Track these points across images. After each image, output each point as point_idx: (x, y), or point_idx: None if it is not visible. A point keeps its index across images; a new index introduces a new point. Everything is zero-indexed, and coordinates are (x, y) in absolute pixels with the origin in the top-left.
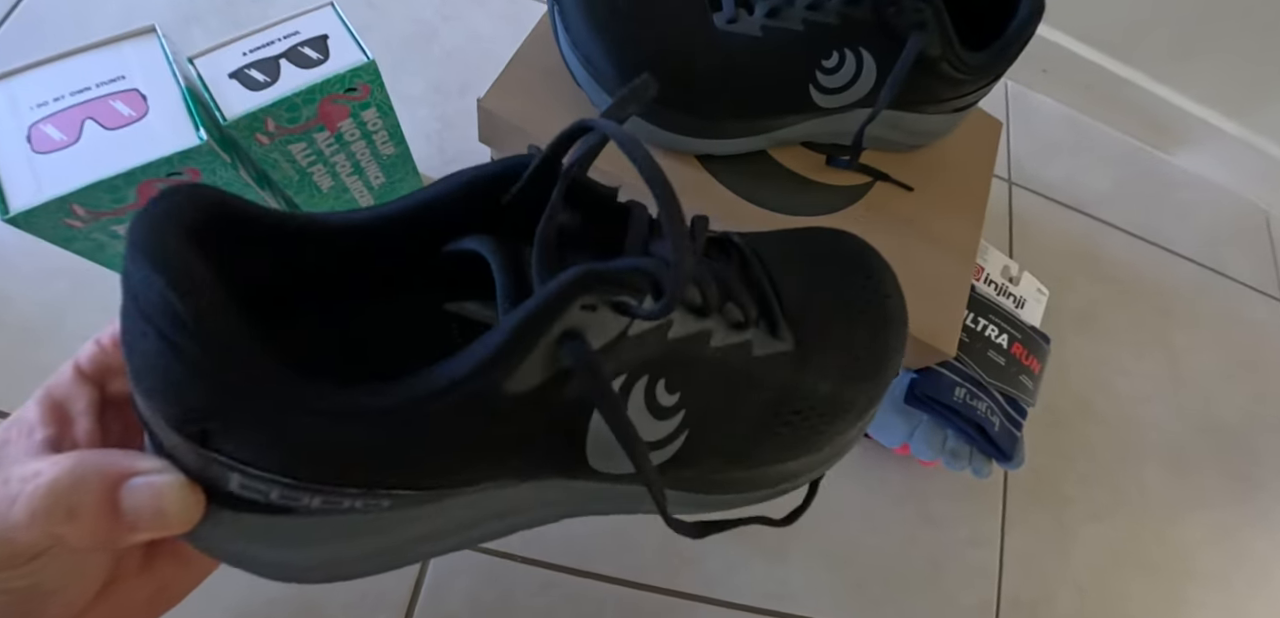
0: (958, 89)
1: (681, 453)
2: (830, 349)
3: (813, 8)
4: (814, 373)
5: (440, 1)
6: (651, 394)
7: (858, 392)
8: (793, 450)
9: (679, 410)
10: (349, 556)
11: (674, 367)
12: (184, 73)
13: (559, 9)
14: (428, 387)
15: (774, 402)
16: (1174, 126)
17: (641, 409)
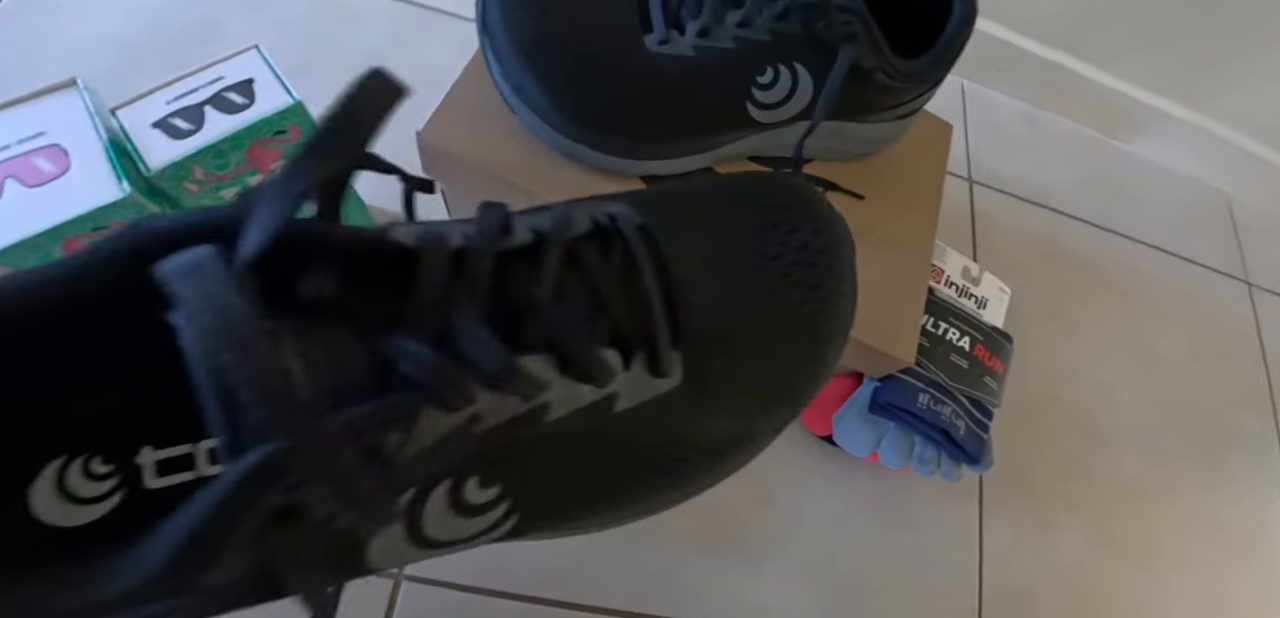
0: (897, 97)
1: (515, 529)
2: (737, 375)
3: (743, 25)
4: (708, 411)
5: (390, 31)
6: (458, 495)
7: (767, 422)
8: (670, 497)
9: (500, 502)
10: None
11: (488, 462)
12: (107, 125)
13: (489, 39)
14: None
15: (650, 454)
16: (1129, 116)
17: (444, 513)
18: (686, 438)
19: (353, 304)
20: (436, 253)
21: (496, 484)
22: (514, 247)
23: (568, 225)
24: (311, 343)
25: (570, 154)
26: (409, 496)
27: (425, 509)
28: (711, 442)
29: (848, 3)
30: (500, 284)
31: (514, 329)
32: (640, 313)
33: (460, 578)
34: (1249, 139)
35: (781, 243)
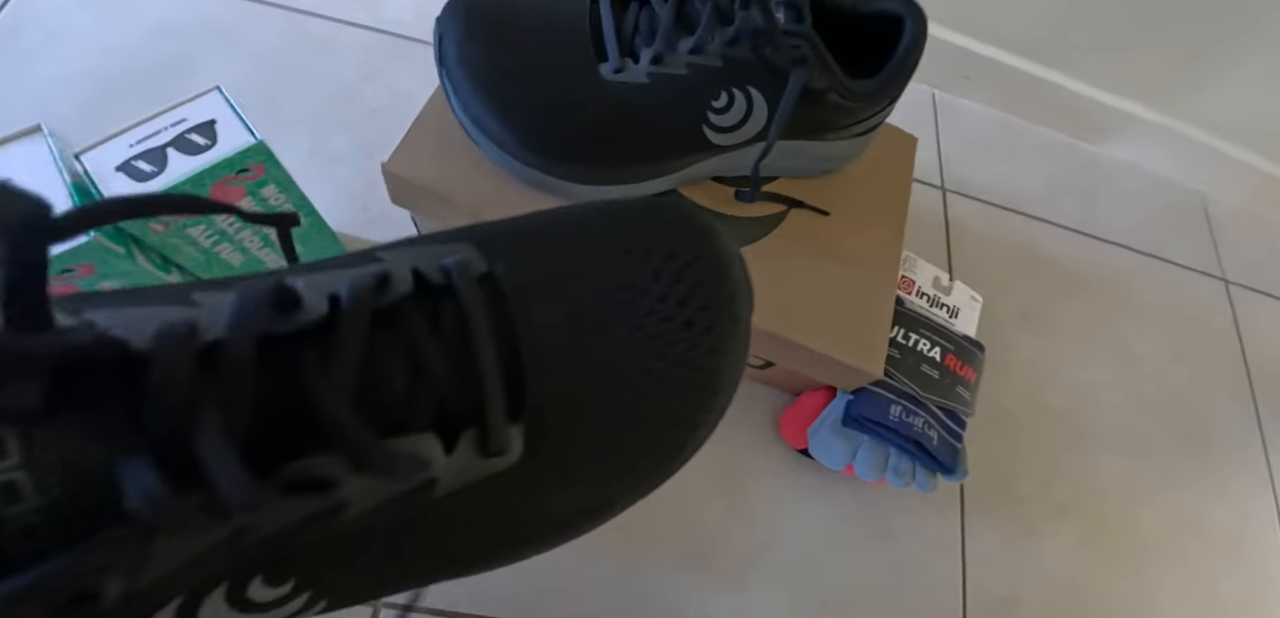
0: (853, 116)
1: (326, 608)
2: (587, 445)
3: (695, 52)
4: (556, 487)
5: (362, 61)
6: (240, 595)
7: (626, 490)
8: (512, 561)
9: (297, 594)
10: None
11: (273, 562)
12: (71, 169)
13: (446, 72)
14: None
15: (485, 533)
16: (1100, 120)
17: (226, 613)
18: (530, 515)
19: (88, 412)
20: (175, 354)
21: (288, 580)
22: (293, 329)
23: (380, 290)
24: (36, 460)
25: (533, 183)
26: (173, 607)
27: (200, 613)
28: (559, 517)
29: (796, 28)
30: (275, 374)
31: (295, 427)
32: (471, 387)
33: (440, 604)
34: (1221, 140)
35: (660, 293)
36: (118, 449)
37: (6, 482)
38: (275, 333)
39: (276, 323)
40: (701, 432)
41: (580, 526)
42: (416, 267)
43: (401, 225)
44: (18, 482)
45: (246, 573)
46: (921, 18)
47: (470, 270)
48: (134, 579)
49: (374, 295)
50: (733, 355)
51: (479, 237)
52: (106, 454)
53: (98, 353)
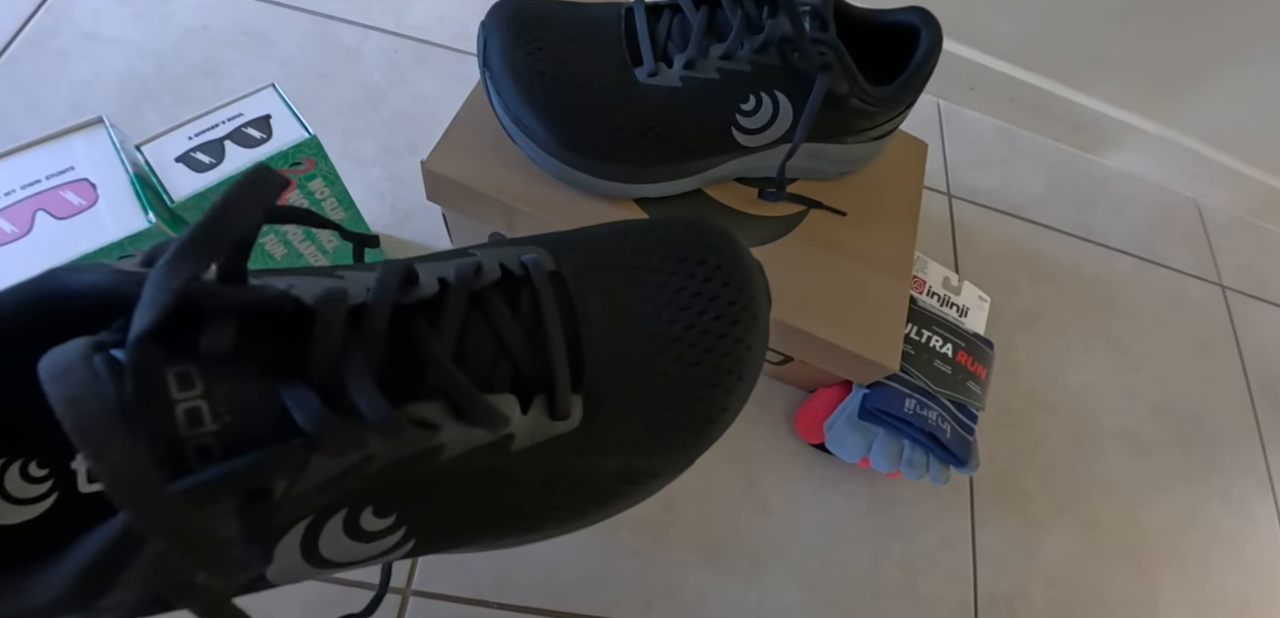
0: (872, 120)
1: (413, 551)
2: (632, 416)
3: (726, 57)
4: (606, 452)
5: (387, 66)
6: (354, 523)
7: (664, 463)
8: (566, 526)
9: (395, 529)
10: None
11: (383, 494)
12: (132, 159)
13: (490, 75)
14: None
15: (546, 489)
16: (1097, 129)
17: (339, 538)
18: (583, 475)
19: (257, 356)
20: (333, 310)
21: (391, 514)
22: (414, 301)
23: (476, 275)
24: (214, 392)
25: (567, 180)
26: (303, 526)
27: (321, 535)
28: (607, 480)
29: (822, 35)
30: (399, 336)
31: (411, 378)
32: (543, 359)
33: (467, 593)
34: (1214, 149)
35: (694, 291)
36: (281, 383)
37: (192, 409)
38: (402, 303)
39: (403, 295)
40: (727, 414)
41: (622, 495)
42: (502, 261)
43: (429, 224)
44: (201, 410)
45: (362, 503)
46: (937, 28)
47: (543, 266)
48: (295, 482)
49: (471, 280)
50: (754, 347)
51: (549, 242)
52: (270, 390)
53: (280, 305)
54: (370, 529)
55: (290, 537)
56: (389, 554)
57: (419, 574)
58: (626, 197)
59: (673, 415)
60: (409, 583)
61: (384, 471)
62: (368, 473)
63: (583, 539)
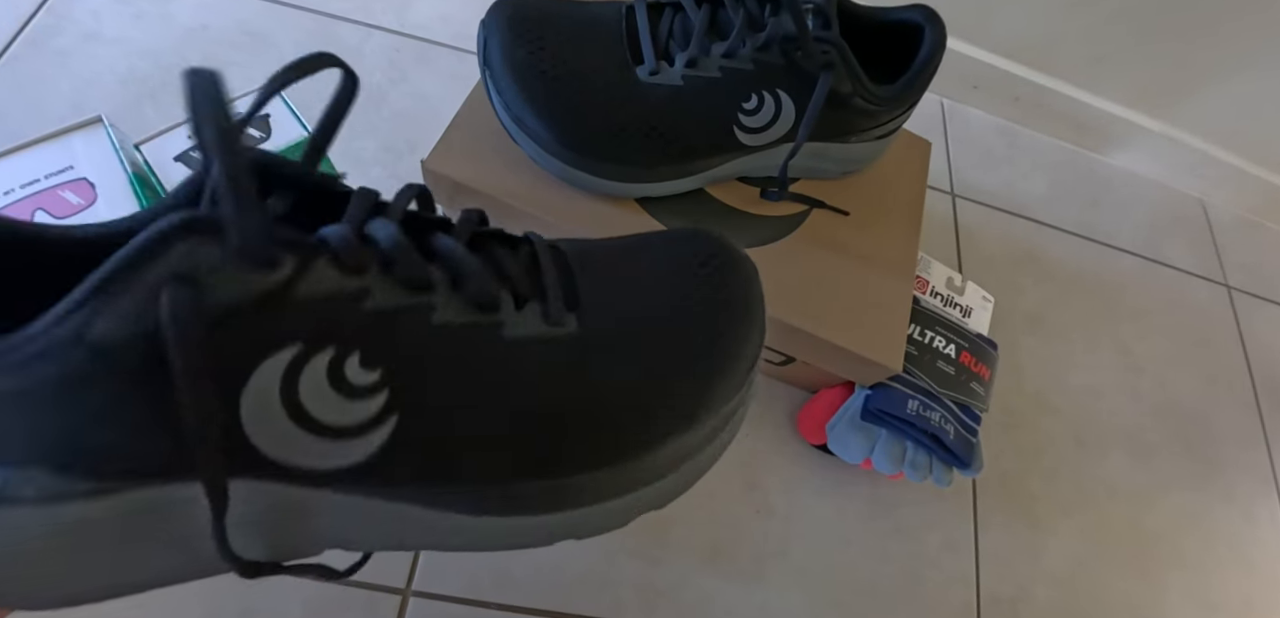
0: (874, 119)
1: (391, 446)
2: (629, 338)
3: (728, 56)
4: (601, 359)
5: (388, 65)
6: (338, 370)
7: (656, 382)
8: (573, 462)
9: (380, 390)
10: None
11: (373, 339)
12: (130, 159)
13: (490, 74)
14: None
15: (544, 396)
16: (1100, 128)
17: (321, 387)
18: (584, 387)
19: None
20: (365, 194)
21: (377, 368)
22: (427, 216)
23: (483, 221)
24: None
25: (568, 179)
26: (293, 352)
27: (303, 374)
28: (611, 396)
29: (825, 34)
30: (413, 224)
31: (420, 240)
32: (538, 285)
33: (467, 593)
34: (1221, 149)
35: (683, 265)
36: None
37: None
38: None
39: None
40: (721, 343)
41: (627, 417)
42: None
43: None
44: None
45: (349, 350)
46: (941, 26)
47: (542, 238)
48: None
49: (475, 222)
50: (748, 285)
51: (551, 240)
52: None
53: (329, 186)
54: (354, 382)
55: (272, 363)
56: (367, 432)
57: (419, 575)
58: (627, 196)
59: (667, 339)
60: (409, 584)
61: (371, 318)
62: (360, 311)
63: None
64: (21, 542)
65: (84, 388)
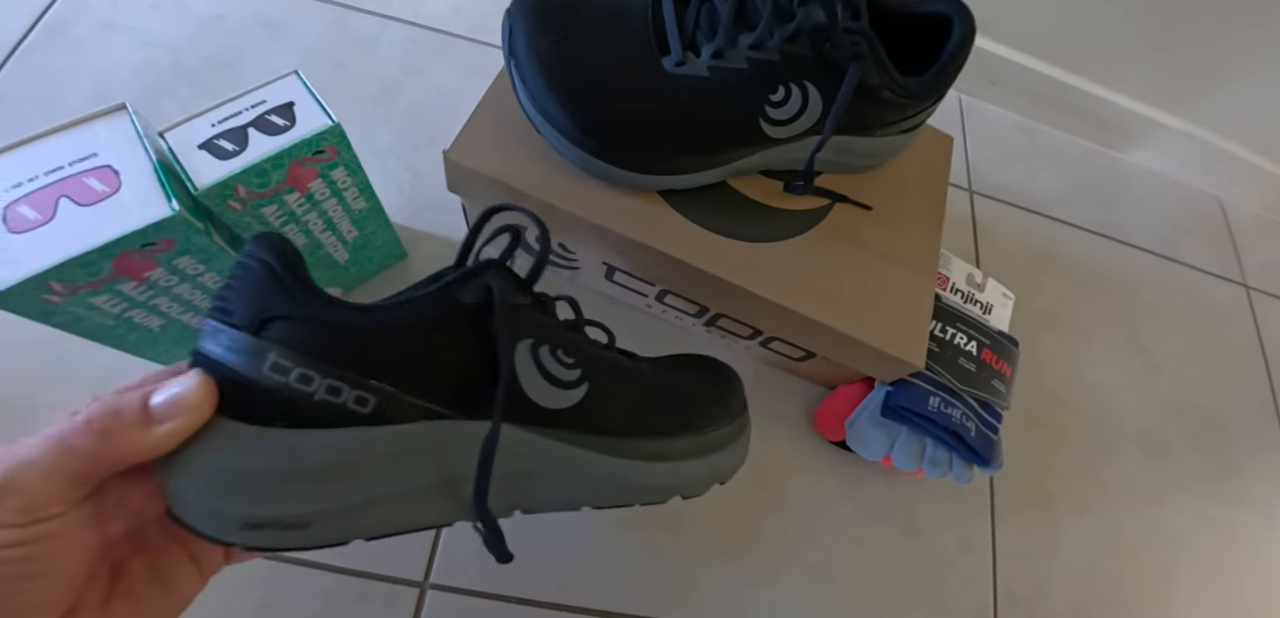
0: (901, 112)
1: (586, 399)
2: (677, 374)
3: (755, 47)
4: (668, 379)
5: (403, 58)
6: (556, 355)
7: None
8: (664, 426)
9: (576, 368)
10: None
11: (567, 345)
12: (155, 146)
13: (515, 64)
14: (409, 297)
15: (642, 386)
16: (1122, 126)
17: (551, 359)
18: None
19: None
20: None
21: (572, 358)
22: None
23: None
24: None
25: (591, 171)
26: (530, 342)
27: (541, 351)
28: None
29: (854, 25)
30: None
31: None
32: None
33: (484, 587)
34: (1240, 146)
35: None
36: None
37: None
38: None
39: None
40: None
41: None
42: None
43: (446, 214)
44: None
45: (557, 345)
46: (969, 18)
47: None
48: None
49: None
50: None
51: None
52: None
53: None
54: (563, 361)
55: (528, 342)
56: (574, 387)
57: (436, 568)
58: (650, 189)
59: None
60: (427, 576)
61: (567, 338)
62: (559, 333)
63: (600, 535)
64: (348, 453)
65: (445, 327)
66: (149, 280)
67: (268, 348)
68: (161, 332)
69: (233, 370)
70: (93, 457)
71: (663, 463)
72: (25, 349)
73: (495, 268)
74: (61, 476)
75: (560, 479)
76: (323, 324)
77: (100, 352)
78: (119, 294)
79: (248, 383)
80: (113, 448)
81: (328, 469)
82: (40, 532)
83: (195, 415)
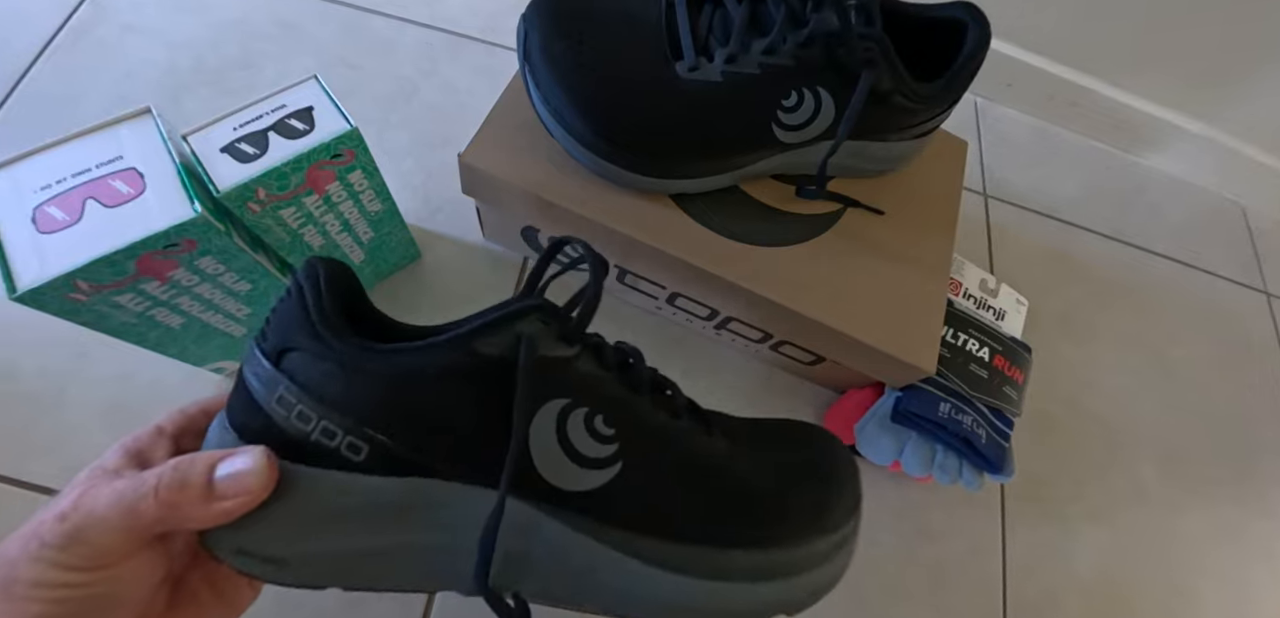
0: (914, 117)
1: (616, 481)
2: (766, 456)
3: (768, 52)
4: (747, 466)
5: (419, 59)
6: (591, 424)
7: (800, 499)
8: (724, 533)
9: (614, 442)
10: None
11: (613, 409)
12: (178, 149)
13: (530, 67)
14: (427, 342)
15: (705, 472)
16: (1139, 129)
17: (581, 429)
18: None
19: None
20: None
21: (613, 428)
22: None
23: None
24: None
25: (605, 175)
26: (564, 403)
27: (569, 418)
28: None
29: (868, 30)
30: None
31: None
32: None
33: None
34: (1264, 152)
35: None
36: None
37: None
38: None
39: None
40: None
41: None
42: None
43: (460, 215)
44: None
45: (598, 409)
46: (985, 23)
47: None
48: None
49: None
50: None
51: None
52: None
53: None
54: (599, 431)
55: (554, 404)
56: (603, 466)
57: None
58: (662, 192)
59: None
60: None
61: (615, 400)
62: (608, 393)
63: None
64: (331, 500)
65: (455, 378)
66: (171, 280)
67: (278, 380)
68: (181, 330)
69: (252, 397)
70: (157, 522)
71: (711, 582)
72: (48, 345)
73: (537, 312)
74: (127, 534)
75: (566, 573)
76: (325, 362)
77: (120, 348)
78: (142, 293)
79: (261, 412)
80: (176, 516)
81: (310, 513)
82: (107, 575)
83: (256, 496)
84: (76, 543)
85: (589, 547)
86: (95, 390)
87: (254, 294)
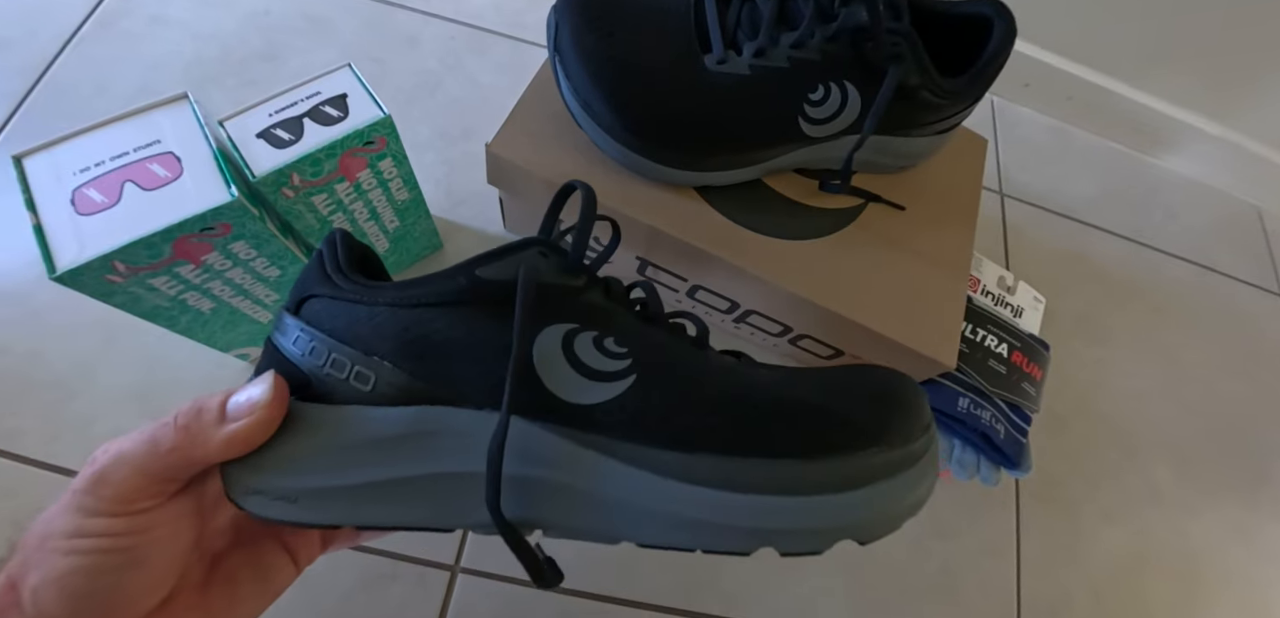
0: (939, 113)
1: (630, 392)
2: (807, 376)
3: (796, 47)
4: (783, 380)
5: (442, 53)
6: (601, 344)
7: (849, 407)
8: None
9: (625, 358)
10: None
11: (624, 332)
12: (215, 135)
13: (559, 58)
14: (431, 273)
15: (731, 384)
16: (1156, 131)
17: (589, 347)
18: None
19: None
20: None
21: (625, 346)
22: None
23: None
24: None
25: (632, 166)
26: (572, 326)
27: (577, 339)
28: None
29: (896, 25)
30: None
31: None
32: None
33: (513, 572)
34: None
35: None
36: None
37: None
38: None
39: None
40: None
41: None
42: None
43: (483, 207)
44: None
45: (608, 332)
46: (1010, 19)
47: None
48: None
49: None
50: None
51: None
52: None
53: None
54: (610, 350)
55: (558, 327)
56: (616, 379)
57: (468, 553)
58: (688, 184)
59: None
60: (458, 560)
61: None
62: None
63: None
64: (342, 433)
65: (460, 306)
66: (205, 264)
67: (295, 325)
68: (211, 315)
69: (273, 346)
70: (175, 451)
71: (752, 496)
72: (78, 330)
73: (539, 247)
74: (148, 471)
75: (581, 496)
76: (335, 299)
77: (148, 333)
78: (176, 276)
79: (277, 353)
80: (192, 443)
81: (320, 446)
82: (134, 524)
83: (267, 417)
84: (101, 484)
85: (601, 464)
86: (123, 375)
87: (283, 280)
